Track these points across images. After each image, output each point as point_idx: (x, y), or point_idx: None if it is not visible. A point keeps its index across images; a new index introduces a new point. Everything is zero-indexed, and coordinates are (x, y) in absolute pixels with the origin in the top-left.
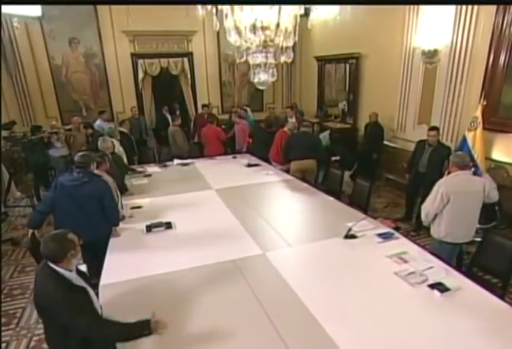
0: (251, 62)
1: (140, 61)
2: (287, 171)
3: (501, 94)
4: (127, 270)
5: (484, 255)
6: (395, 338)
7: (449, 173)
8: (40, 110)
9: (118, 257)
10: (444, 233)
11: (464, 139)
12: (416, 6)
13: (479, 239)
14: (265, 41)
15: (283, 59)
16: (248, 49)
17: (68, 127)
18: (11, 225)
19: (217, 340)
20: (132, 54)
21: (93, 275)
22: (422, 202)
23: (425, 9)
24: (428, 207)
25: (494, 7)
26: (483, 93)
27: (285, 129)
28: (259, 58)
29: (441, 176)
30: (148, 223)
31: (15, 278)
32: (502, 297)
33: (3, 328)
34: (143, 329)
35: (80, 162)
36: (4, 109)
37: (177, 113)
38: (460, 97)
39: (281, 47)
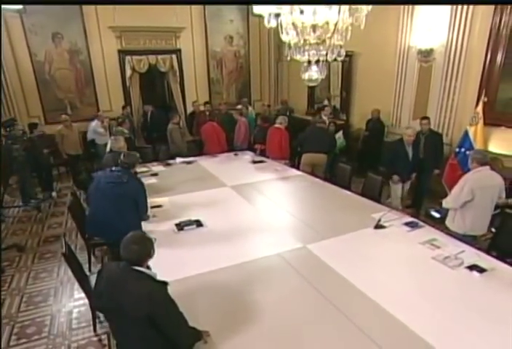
0: (301, 60)
1: (128, 58)
2: (293, 166)
3: (497, 91)
4: (175, 269)
5: (501, 239)
6: (454, 316)
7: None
8: (22, 109)
9: (159, 257)
10: (468, 227)
11: (466, 134)
12: (411, 6)
13: None
14: (323, 40)
15: (333, 56)
16: (300, 46)
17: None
18: (9, 229)
19: (294, 333)
20: (119, 51)
21: None
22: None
23: (419, 9)
24: (447, 202)
25: (490, 8)
26: (483, 90)
27: (277, 125)
28: (314, 56)
29: (437, 160)
30: (177, 222)
31: (32, 285)
32: None
33: (35, 337)
34: (200, 336)
35: (125, 162)
36: None
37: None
38: (456, 93)
39: (333, 45)
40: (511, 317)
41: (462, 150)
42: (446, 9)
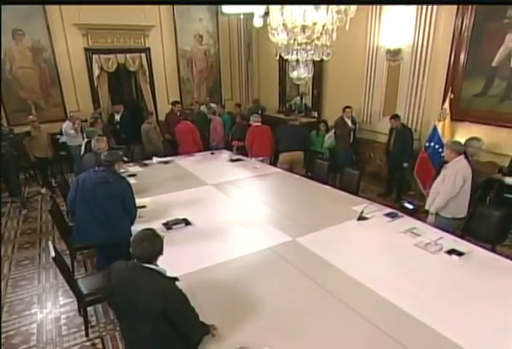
0: (290, 59)
1: (95, 56)
2: (272, 164)
3: (462, 88)
4: (170, 268)
5: (473, 224)
6: (439, 295)
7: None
8: None
9: None
10: (459, 211)
11: (435, 129)
12: (378, 8)
13: None
14: (313, 40)
15: (321, 56)
16: (289, 46)
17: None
18: None
19: (294, 322)
20: (86, 49)
21: None
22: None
23: (387, 10)
24: (449, 193)
25: (453, 11)
26: (449, 88)
27: (257, 123)
28: (303, 55)
29: (406, 154)
30: (164, 221)
31: (11, 293)
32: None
33: (23, 346)
34: (208, 330)
35: (106, 160)
36: None
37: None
38: (423, 91)
39: (321, 45)
40: (491, 293)
41: (432, 144)
42: (411, 11)
